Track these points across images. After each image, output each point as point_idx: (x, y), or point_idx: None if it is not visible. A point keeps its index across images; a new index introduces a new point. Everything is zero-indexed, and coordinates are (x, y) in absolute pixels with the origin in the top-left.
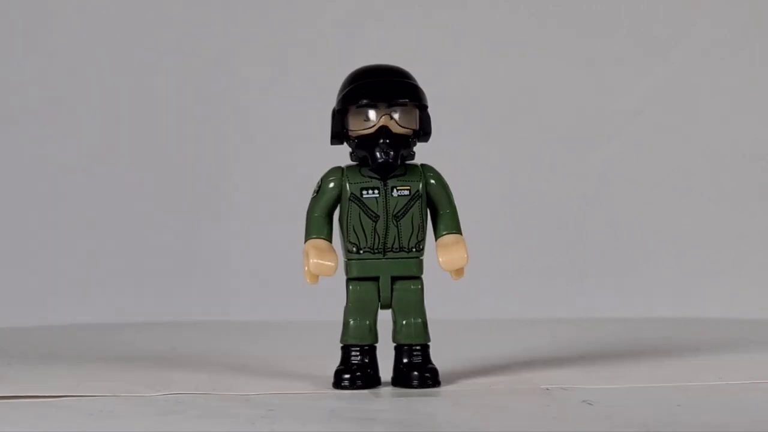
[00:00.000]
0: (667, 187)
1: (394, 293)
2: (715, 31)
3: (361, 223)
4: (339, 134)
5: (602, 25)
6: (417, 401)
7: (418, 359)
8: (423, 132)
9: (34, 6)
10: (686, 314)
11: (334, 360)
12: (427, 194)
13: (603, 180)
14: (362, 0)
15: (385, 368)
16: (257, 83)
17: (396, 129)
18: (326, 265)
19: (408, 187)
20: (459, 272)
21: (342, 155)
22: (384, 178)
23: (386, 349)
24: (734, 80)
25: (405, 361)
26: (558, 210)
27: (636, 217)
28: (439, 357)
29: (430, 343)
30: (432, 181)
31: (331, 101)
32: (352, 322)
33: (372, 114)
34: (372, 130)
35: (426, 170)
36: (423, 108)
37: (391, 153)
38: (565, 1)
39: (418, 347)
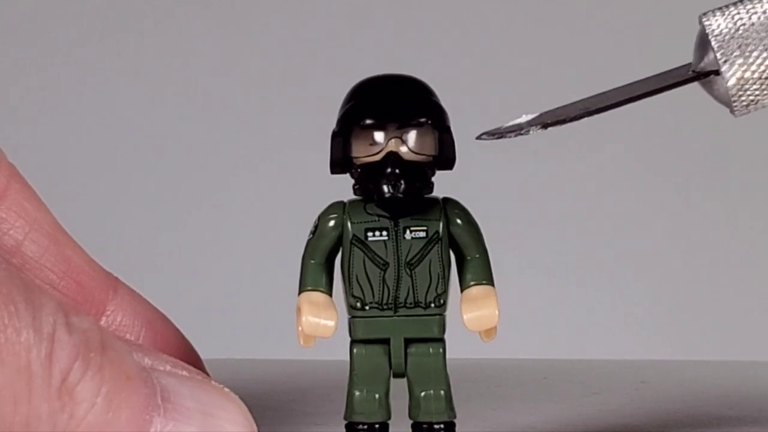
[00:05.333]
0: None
1: (409, 359)
2: None
3: (366, 273)
4: (340, 161)
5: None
6: None
7: None
8: (445, 158)
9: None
10: None
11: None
12: (451, 236)
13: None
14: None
15: None
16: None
17: (408, 156)
18: (322, 325)
19: (424, 228)
20: (490, 332)
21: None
22: (394, 217)
23: (401, 426)
24: None
25: None
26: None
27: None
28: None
29: (455, 420)
30: (457, 220)
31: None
32: (357, 394)
33: (379, 137)
34: (378, 157)
35: (448, 206)
36: (444, 129)
37: (401, 186)
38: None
39: (440, 426)
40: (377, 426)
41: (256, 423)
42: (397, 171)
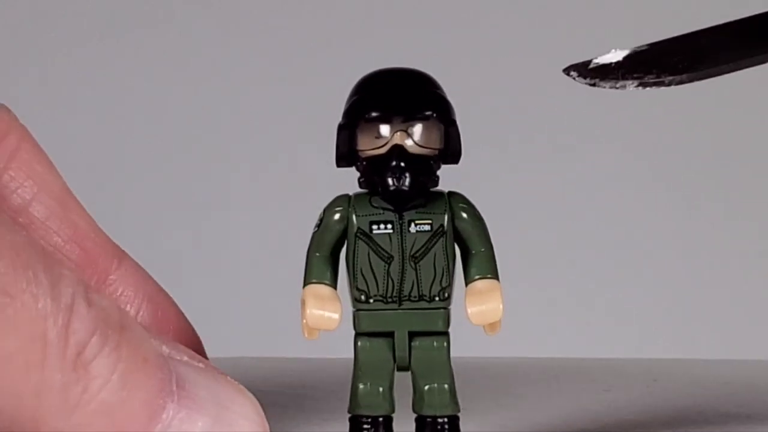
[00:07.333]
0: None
1: (413, 352)
2: None
3: (370, 266)
4: (346, 155)
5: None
6: None
7: None
8: (450, 152)
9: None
10: None
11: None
12: (456, 229)
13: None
14: None
15: None
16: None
17: (413, 149)
18: (326, 317)
19: (429, 221)
20: (493, 326)
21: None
22: (398, 210)
23: (405, 419)
24: None
25: None
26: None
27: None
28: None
29: (460, 414)
30: (462, 214)
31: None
32: (362, 388)
33: (384, 130)
34: (383, 150)
35: (453, 200)
36: (450, 123)
37: (406, 179)
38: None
39: (444, 419)
40: (381, 419)
41: None
42: (402, 164)
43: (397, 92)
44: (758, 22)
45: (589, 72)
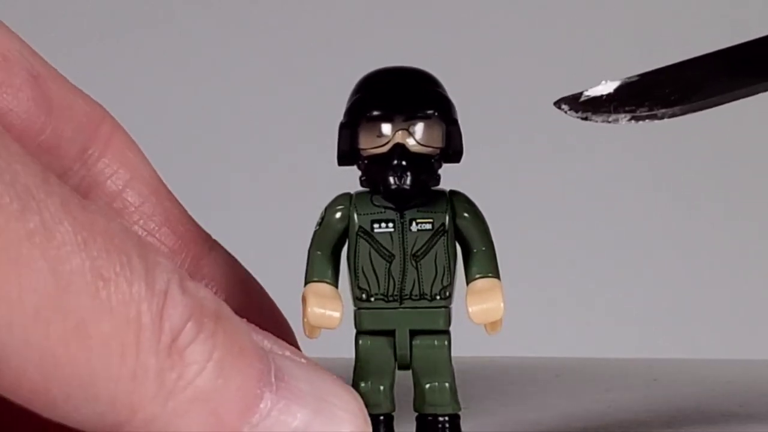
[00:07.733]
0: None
1: (414, 351)
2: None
3: (372, 264)
4: (347, 153)
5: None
6: None
7: None
8: (452, 151)
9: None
10: None
11: None
12: (457, 228)
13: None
14: None
15: None
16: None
17: (415, 148)
18: (327, 316)
19: (430, 220)
20: (494, 325)
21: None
22: (400, 209)
23: (406, 418)
24: None
25: None
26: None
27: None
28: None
29: (460, 413)
30: (464, 213)
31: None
32: (363, 386)
33: (386, 128)
34: (385, 149)
35: (455, 199)
36: (451, 122)
37: (407, 177)
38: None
39: (445, 418)
40: (382, 418)
41: None
42: (403, 163)
43: (399, 91)
44: (751, 50)
45: (580, 106)
